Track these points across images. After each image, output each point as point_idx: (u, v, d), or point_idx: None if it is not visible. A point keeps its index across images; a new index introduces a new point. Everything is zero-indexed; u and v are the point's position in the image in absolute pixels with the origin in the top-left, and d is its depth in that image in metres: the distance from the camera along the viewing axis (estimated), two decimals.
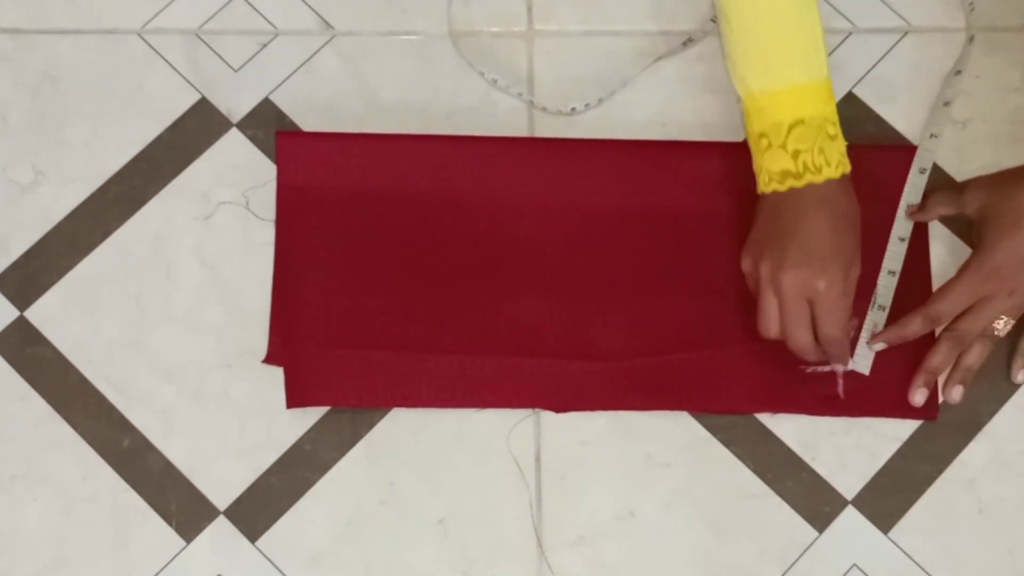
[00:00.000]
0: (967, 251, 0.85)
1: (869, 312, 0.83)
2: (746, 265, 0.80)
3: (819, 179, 0.77)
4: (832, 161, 0.77)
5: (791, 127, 0.77)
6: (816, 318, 0.78)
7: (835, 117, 0.78)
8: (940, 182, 0.87)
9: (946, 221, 0.86)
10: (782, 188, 0.78)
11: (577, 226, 0.86)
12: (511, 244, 0.85)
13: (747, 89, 0.79)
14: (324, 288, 0.84)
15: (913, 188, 0.85)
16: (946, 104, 0.88)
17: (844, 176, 0.78)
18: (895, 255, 0.84)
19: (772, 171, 0.78)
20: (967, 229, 0.85)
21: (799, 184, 0.77)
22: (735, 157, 0.86)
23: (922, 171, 0.86)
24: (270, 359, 0.83)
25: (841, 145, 0.78)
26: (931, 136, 0.87)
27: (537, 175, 0.86)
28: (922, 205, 0.85)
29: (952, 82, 0.88)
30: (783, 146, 0.77)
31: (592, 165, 0.86)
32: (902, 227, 0.85)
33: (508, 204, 0.86)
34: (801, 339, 0.78)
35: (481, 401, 0.83)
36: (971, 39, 0.89)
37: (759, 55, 0.78)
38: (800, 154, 0.77)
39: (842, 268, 0.77)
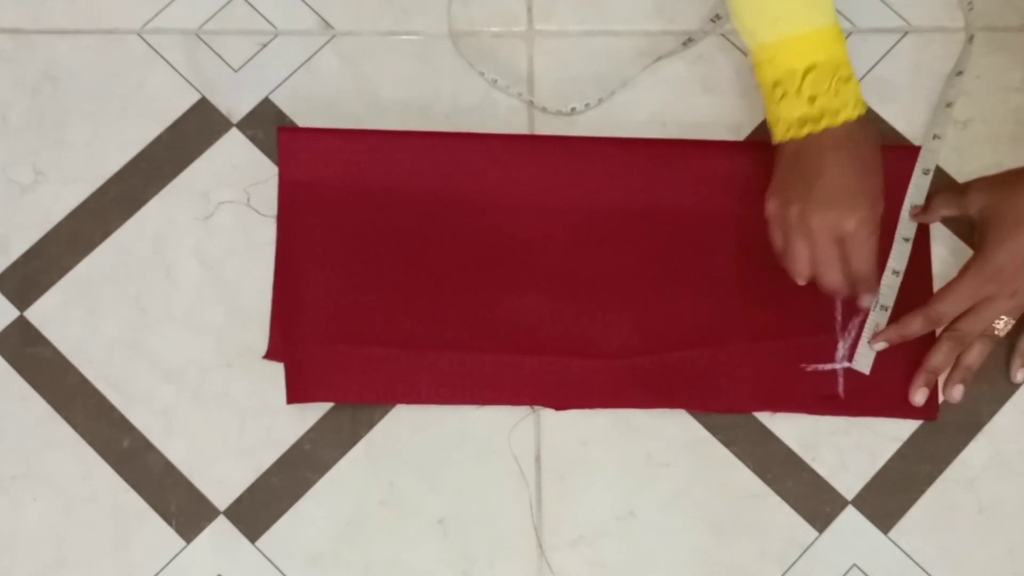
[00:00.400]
0: (968, 252, 0.85)
1: (872, 312, 0.83)
2: (771, 211, 0.80)
3: (837, 121, 0.77)
4: (849, 102, 0.77)
5: (805, 73, 0.77)
6: (848, 256, 0.78)
7: (847, 60, 0.78)
8: (941, 183, 0.87)
9: (947, 222, 0.86)
10: (801, 135, 0.78)
11: (578, 224, 0.86)
12: (512, 241, 0.85)
13: (757, 41, 0.79)
14: (325, 284, 0.84)
15: (917, 189, 0.85)
16: (948, 105, 0.88)
17: (862, 116, 0.78)
18: (899, 255, 0.84)
19: (790, 119, 0.78)
20: (968, 230, 0.85)
21: (817, 129, 0.77)
22: (736, 156, 0.86)
23: (925, 172, 0.86)
24: (271, 355, 0.83)
25: (856, 87, 0.78)
26: (934, 137, 0.87)
27: (539, 172, 0.86)
28: (925, 207, 0.85)
29: (954, 83, 0.88)
30: (798, 92, 0.77)
31: (593, 163, 0.86)
32: (906, 228, 0.85)
33: (510, 201, 0.86)
34: (834, 279, 0.79)
35: (481, 398, 0.83)
36: (971, 39, 0.89)
37: (766, 6, 0.78)
38: (816, 99, 0.77)
39: (870, 205, 0.78)
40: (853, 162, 0.77)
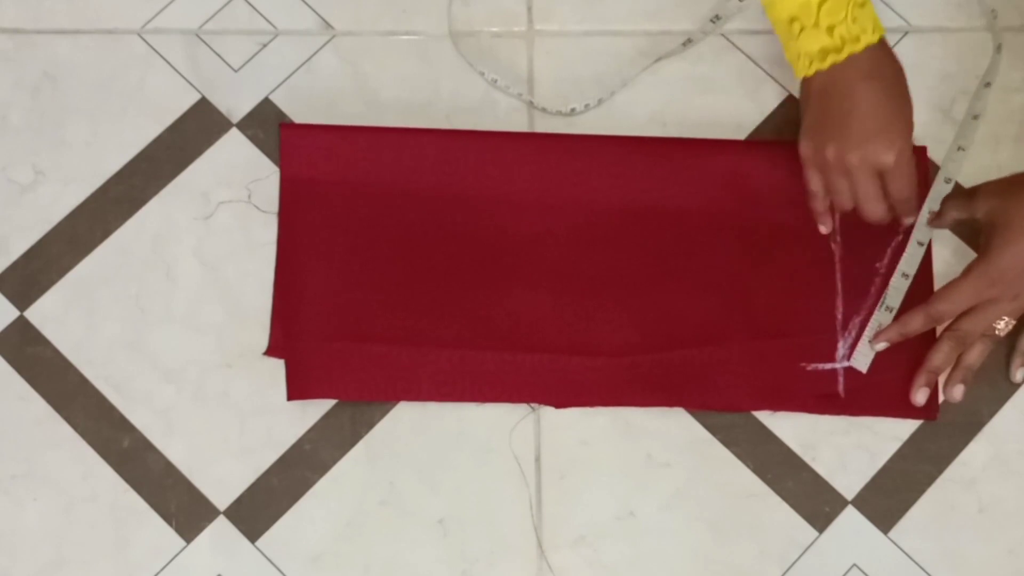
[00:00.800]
0: (971, 253, 0.85)
1: (876, 312, 0.83)
2: (806, 152, 0.81)
3: (859, 48, 0.77)
4: (868, 27, 0.77)
5: (820, 3, 0.76)
6: (889, 185, 0.79)
7: None
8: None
9: (952, 224, 0.86)
10: (824, 66, 0.78)
11: (579, 222, 0.86)
12: (513, 239, 0.85)
13: None
14: (326, 281, 0.84)
15: (936, 196, 0.85)
16: (975, 117, 0.87)
17: (882, 40, 0.78)
18: (911, 259, 0.84)
19: (811, 52, 0.78)
20: (971, 232, 0.85)
21: (840, 58, 0.77)
22: (737, 155, 0.87)
23: (947, 181, 0.86)
24: (271, 351, 0.83)
25: (871, 10, 0.78)
26: (959, 148, 0.87)
27: (540, 170, 0.86)
28: (938, 213, 0.85)
29: (981, 94, 0.88)
30: (816, 24, 0.77)
31: (595, 161, 0.86)
32: (922, 233, 0.85)
33: (511, 198, 0.86)
34: (879, 211, 0.81)
35: (481, 396, 0.83)
36: (999, 48, 0.89)
37: None
38: (835, 28, 0.76)
39: (904, 133, 0.78)
40: (883, 91, 0.78)
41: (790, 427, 0.83)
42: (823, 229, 0.84)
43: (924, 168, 0.86)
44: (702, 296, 0.84)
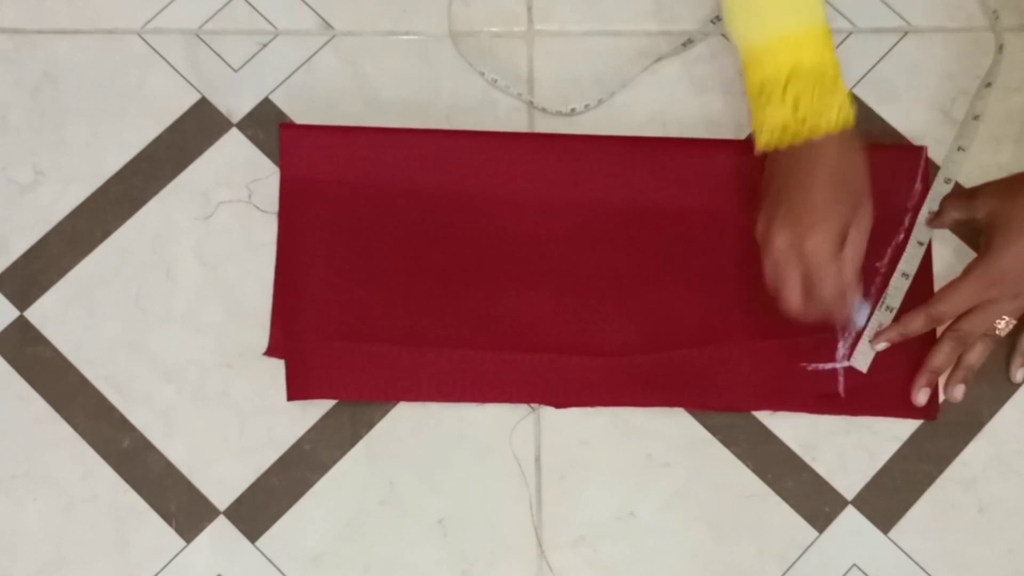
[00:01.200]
0: (971, 253, 0.85)
1: (876, 312, 0.83)
2: (758, 231, 0.79)
3: (818, 134, 0.76)
4: (831, 113, 0.76)
5: (788, 76, 0.76)
6: (809, 278, 0.77)
7: (835, 64, 0.77)
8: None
9: (952, 224, 0.86)
10: (781, 145, 0.77)
11: (579, 222, 0.86)
12: (514, 239, 0.85)
13: (744, 41, 0.78)
14: (326, 281, 0.84)
15: (936, 196, 0.85)
16: (976, 117, 0.87)
17: (845, 130, 0.77)
18: (911, 259, 0.84)
19: (773, 126, 0.77)
20: (971, 232, 0.85)
21: (798, 140, 0.76)
22: (738, 155, 0.86)
23: (947, 181, 0.86)
24: (271, 351, 0.83)
25: (842, 96, 0.77)
26: (959, 149, 0.87)
27: (540, 170, 0.86)
28: (938, 212, 0.85)
29: (982, 95, 0.88)
30: (782, 98, 0.76)
31: (595, 161, 0.86)
32: (922, 232, 0.85)
33: (511, 198, 0.86)
34: (789, 299, 0.77)
35: (482, 395, 0.83)
36: (1000, 48, 0.89)
37: (755, 4, 0.78)
38: (799, 105, 0.76)
39: (834, 227, 0.76)
40: (826, 179, 0.76)
41: (790, 427, 0.83)
42: (792, 313, 0.78)
43: (924, 168, 0.87)
44: (702, 296, 0.85)
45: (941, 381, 0.83)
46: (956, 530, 0.82)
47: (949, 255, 0.86)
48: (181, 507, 0.82)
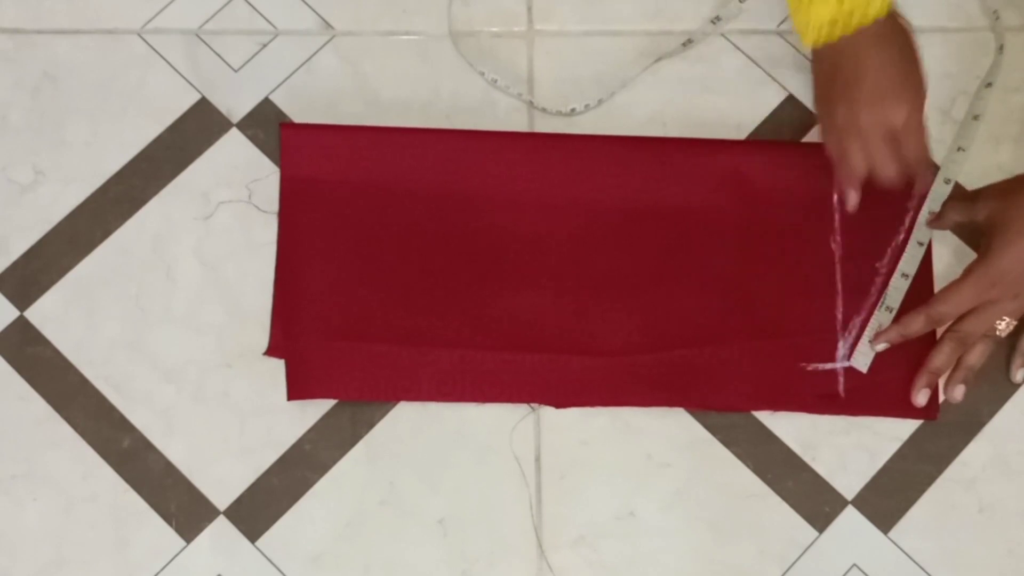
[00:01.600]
0: (971, 254, 0.85)
1: (876, 312, 0.83)
2: (820, 117, 0.81)
3: (868, 20, 0.77)
4: (876, 1, 0.77)
5: None
6: (903, 145, 0.78)
7: None
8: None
9: (953, 226, 0.86)
10: (833, 38, 0.78)
11: (580, 221, 0.86)
12: (514, 238, 0.85)
13: None
14: (326, 280, 0.84)
15: (936, 196, 0.85)
16: (975, 118, 0.87)
17: (891, 11, 0.78)
18: (911, 259, 0.84)
19: (820, 22, 0.77)
20: (971, 233, 0.85)
21: (849, 31, 0.77)
22: (737, 155, 0.86)
23: (947, 181, 0.86)
24: (271, 351, 0.83)
25: None
26: (958, 149, 0.87)
27: (541, 170, 0.86)
28: (939, 215, 0.85)
29: (982, 95, 0.88)
30: None
31: (595, 161, 0.86)
32: (922, 233, 0.85)
33: (512, 198, 0.86)
34: (892, 172, 0.79)
35: (482, 395, 0.83)
36: (1000, 48, 0.89)
37: None
38: None
39: (914, 93, 0.78)
40: (893, 56, 0.78)
41: (790, 427, 0.83)
42: (850, 204, 0.81)
43: None
44: (702, 296, 0.84)
45: (941, 382, 0.83)
46: (956, 530, 0.82)
47: (949, 255, 0.86)
48: (181, 507, 0.82)
